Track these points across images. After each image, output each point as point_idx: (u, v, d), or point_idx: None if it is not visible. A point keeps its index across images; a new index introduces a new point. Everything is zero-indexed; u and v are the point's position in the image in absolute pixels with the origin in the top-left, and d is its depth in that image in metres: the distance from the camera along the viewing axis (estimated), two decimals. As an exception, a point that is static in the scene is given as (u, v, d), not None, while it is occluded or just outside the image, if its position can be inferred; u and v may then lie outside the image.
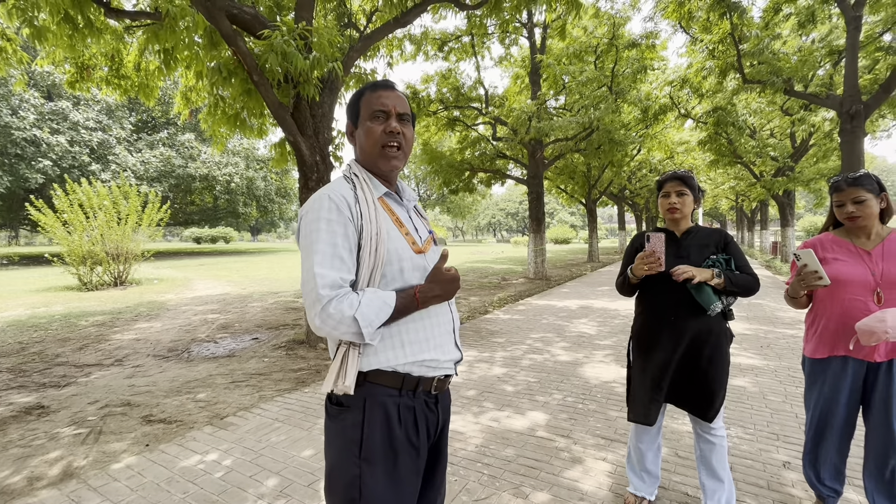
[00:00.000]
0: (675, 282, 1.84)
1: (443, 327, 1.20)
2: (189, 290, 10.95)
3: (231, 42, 4.15)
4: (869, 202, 1.74)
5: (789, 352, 4.80)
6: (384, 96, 1.16)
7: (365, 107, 1.17)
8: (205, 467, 2.54)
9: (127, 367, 4.57)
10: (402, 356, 1.11)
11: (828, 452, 1.95)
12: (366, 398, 1.09)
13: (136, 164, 23.30)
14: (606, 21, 10.65)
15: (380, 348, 1.10)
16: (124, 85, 6.29)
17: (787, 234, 16.09)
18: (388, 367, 1.10)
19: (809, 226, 45.41)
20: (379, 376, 1.10)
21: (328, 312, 1.00)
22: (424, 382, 1.14)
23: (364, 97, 1.18)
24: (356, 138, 1.22)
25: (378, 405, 1.09)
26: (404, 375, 1.11)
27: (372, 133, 1.16)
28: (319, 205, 1.08)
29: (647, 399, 1.96)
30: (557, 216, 71.32)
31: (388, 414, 1.09)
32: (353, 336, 1.03)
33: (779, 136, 15.99)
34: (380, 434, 1.08)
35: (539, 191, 12.03)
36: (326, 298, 1.00)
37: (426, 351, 1.14)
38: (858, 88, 7.22)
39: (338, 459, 1.09)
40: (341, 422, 1.10)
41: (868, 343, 1.66)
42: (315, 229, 1.06)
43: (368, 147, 1.17)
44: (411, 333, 1.13)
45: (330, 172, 5.12)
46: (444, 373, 1.20)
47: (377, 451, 1.07)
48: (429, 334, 1.16)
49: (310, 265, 1.04)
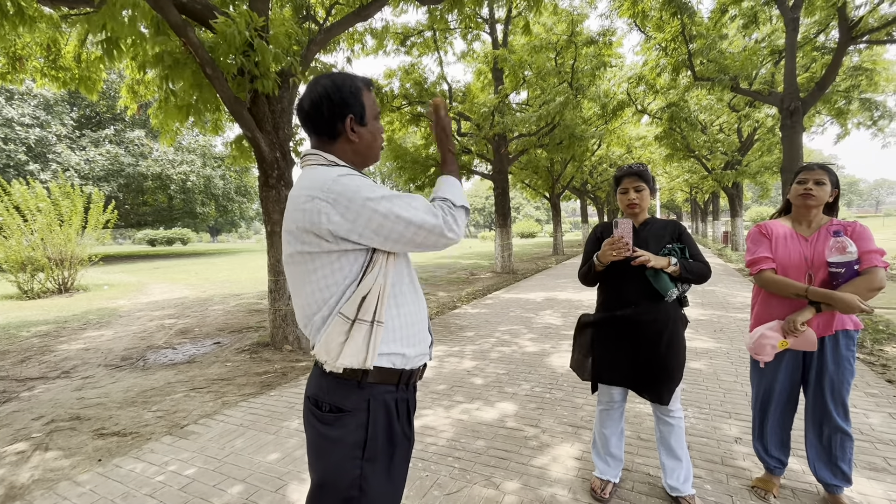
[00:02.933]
0: (635, 271, 1.92)
1: (424, 312, 1.23)
2: (143, 294, 10.40)
3: (180, 33, 3.94)
4: (826, 188, 1.92)
5: (740, 335, 5.10)
6: (374, 97, 1.22)
7: (370, 105, 1.18)
8: (164, 479, 2.43)
9: (75, 379, 4.30)
10: (400, 348, 1.13)
11: (773, 426, 2.10)
12: (369, 399, 1.08)
13: (80, 162, 21.80)
14: (565, 18, 10.86)
15: (383, 339, 1.10)
16: (63, 77, 5.87)
17: (736, 224, 17.05)
18: (389, 363, 1.11)
19: (756, 216, 48.23)
20: (380, 375, 1.10)
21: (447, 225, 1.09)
22: (415, 374, 1.18)
23: (365, 94, 1.18)
24: (360, 134, 1.17)
25: (381, 405, 1.09)
26: (401, 370, 1.13)
27: (379, 135, 1.22)
28: (340, 170, 1.09)
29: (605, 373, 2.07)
30: (523, 210, 72.45)
31: (389, 411, 1.11)
32: (466, 218, 1.16)
33: (727, 132, 16.87)
34: (382, 432, 1.09)
35: (504, 186, 12.17)
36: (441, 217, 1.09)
37: (416, 343, 1.17)
38: (797, 86, 7.70)
39: (336, 464, 1.07)
40: (341, 427, 1.07)
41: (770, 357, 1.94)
42: (371, 188, 1.06)
43: (376, 146, 1.22)
44: (406, 327, 1.15)
45: (291, 169, 4.98)
46: (426, 360, 1.23)
47: (379, 449, 1.08)
48: (418, 326, 1.18)
49: (398, 209, 1.05)
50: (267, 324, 6.01)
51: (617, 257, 1.88)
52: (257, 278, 13.19)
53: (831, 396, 1.93)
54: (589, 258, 2.07)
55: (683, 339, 2.02)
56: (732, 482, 2.24)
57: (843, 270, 1.79)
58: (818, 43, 10.20)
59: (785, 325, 1.87)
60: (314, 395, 1.13)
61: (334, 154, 1.16)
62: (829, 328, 1.91)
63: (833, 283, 1.84)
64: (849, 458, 1.95)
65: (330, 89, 1.13)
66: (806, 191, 1.93)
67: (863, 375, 3.68)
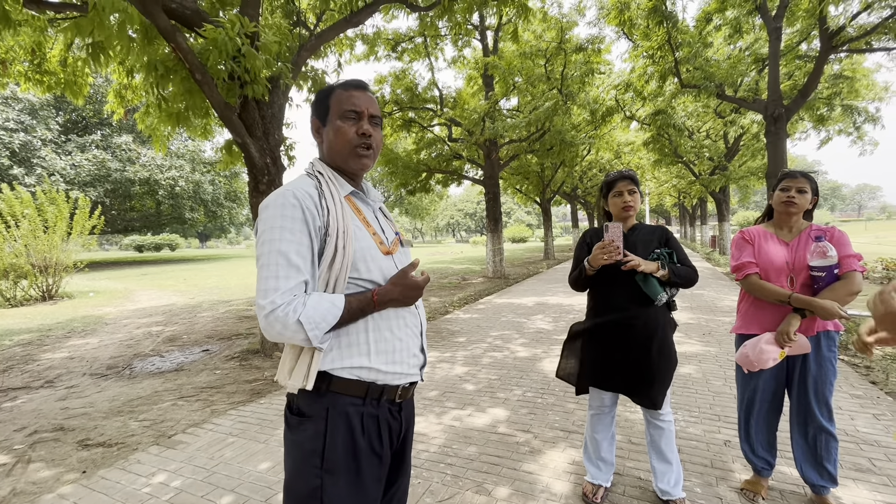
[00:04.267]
0: (625, 276, 1.95)
1: (411, 330, 1.18)
2: (130, 301, 10.24)
3: (169, 38, 3.92)
4: (807, 195, 1.98)
5: (728, 338, 5.16)
6: (356, 96, 1.14)
7: (335, 105, 1.14)
8: (151, 490, 2.38)
9: (59, 389, 4.21)
10: (368, 362, 1.09)
11: (759, 426, 2.14)
12: (328, 408, 1.06)
13: (66, 167, 21.44)
14: (554, 25, 11.00)
15: (346, 354, 1.07)
16: (48, 81, 5.78)
17: (724, 228, 17.30)
18: (353, 375, 1.07)
19: (743, 220, 49.01)
20: (343, 385, 1.07)
21: (272, 318, 0.97)
22: (389, 391, 1.12)
23: (334, 95, 1.15)
24: (323, 136, 1.18)
25: (341, 415, 1.06)
26: (369, 384, 1.09)
27: (343, 133, 1.13)
28: (282, 201, 1.04)
29: (597, 379, 2.09)
30: (514, 215, 72.79)
31: (352, 424, 1.06)
32: (302, 341, 1.00)
33: (713, 138, 17.17)
34: (342, 444, 1.05)
35: (495, 191, 12.23)
36: (270, 307, 0.97)
37: (395, 361, 1.12)
38: (780, 93, 7.88)
39: (297, 470, 1.06)
40: (302, 432, 1.06)
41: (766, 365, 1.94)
42: (272, 226, 1.02)
43: (339, 146, 1.14)
44: (381, 343, 1.11)
45: (282, 175, 4.96)
46: (410, 380, 1.18)
47: (339, 462, 1.04)
48: (398, 344, 1.13)
49: (262, 268, 1.01)
50: (257, 330, 5.95)
51: (608, 261, 1.90)
52: (247, 284, 13.06)
53: (815, 396, 1.97)
54: (579, 263, 2.09)
55: (673, 342, 2.05)
56: (722, 485, 2.26)
57: (824, 274, 1.84)
58: (800, 52, 10.44)
59: (778, 336, 1.90)
60: (289, 397, 1.14)
61: (324, 160, 1.20)
62: (811, 330, 1.95)
63: (815, 287, 1.90)
64: (834, 459, 1.99)
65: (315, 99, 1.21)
66: (788, 198, 1.98)
67: (847, 377, 3.74)
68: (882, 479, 2.26)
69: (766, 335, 1.95)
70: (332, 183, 1.13)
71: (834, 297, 1.80)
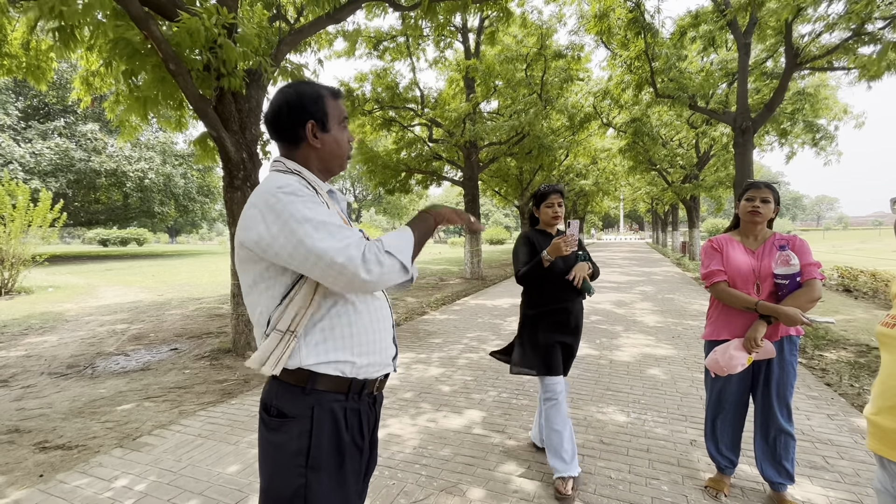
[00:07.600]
0: (562, 273, 2.32)
1: (385, 323, 1.20)
2: (93, 297, 9.81)
3: (142, 26, 3.78)
4: (770, 205, 2.09)
5: (696, 341, 5.34)
6: (342, 105, 1.21)
7: (334, 112, 1.17)
8: (113, 495, 2.30)
9: (14, 389, 4.00)
10: (351, 356, 1.10)
11: (724, 426, 2.23)
12: (314, 406, 1.06)
13: (25, 155, 20.34)
14: (535, 31, 11.15)
15: (331, 347, 1.08)
16: (8, 64, 5.49)
17: (693, 235, 17.90)
18: (338, 371, 1.08)
19: (712, 227, 50.76)
20: (327, 382, 1.07)
21: (368, 263, 0.97)
22: (369, 384, 1.15)
23: (328, 101, 1.16)
24: (322, 140, 1.16)
25: (326, 412, 1.07)
26: (351, 379, 1.10)
27: (343, 142, 1.20)
28: (290, 189, 1.01)
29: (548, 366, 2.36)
30: (493, 217, 73.30)
31: (336, 419, 1.08)
32: (399, 273, 1.02)
33: (686, 147, 17.75)
34: (328, 441, 1.06)
35: (474, 192, 12.29)
36: (359, 256, 0.96)
37: (373, 352, 1.14)
38: (748, 107, 8.20)
39: (278, 472, 1.05)
40: (285, 433, 1.05)
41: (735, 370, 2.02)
42: (300, 209, 0.98)
43: (340, 154, 1.20)
44: (361, 335, 1.12)
45: (258, 170, 4.85)
46: (386, 371, 1.21)
47: (324, 458, 1.05)
48: (375, 336, 1.15)
49: (320, 241, 0.96)
50: (229, 329, 5.80)
51: (566, 252, 2.20)
52: (219, 281, 12.70)
53: (777, 398, 2.07)
54: (530, 259, 2.37)
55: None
56: (688, 483, 2.34)
57: (787, 282, 1.94)
58: (767, 68, 10.91)
59: (746, 343, 1.98)
60: (265, 399, 1.12)
61: (298, 161, 1.17)
62: (775, 335, 2.05)
63: (779, 294, 1.99)
64: (792, 458, 2.09)
65: (290, 96, 1.14)
66: (753, 208, 2.08)
67: (804, 379, 3.93)
68: (835, 476, 2.38)
69: (735, 341, 2.03)
70: (315, 180, 1.15)
71: (796, 304, 1.90)
